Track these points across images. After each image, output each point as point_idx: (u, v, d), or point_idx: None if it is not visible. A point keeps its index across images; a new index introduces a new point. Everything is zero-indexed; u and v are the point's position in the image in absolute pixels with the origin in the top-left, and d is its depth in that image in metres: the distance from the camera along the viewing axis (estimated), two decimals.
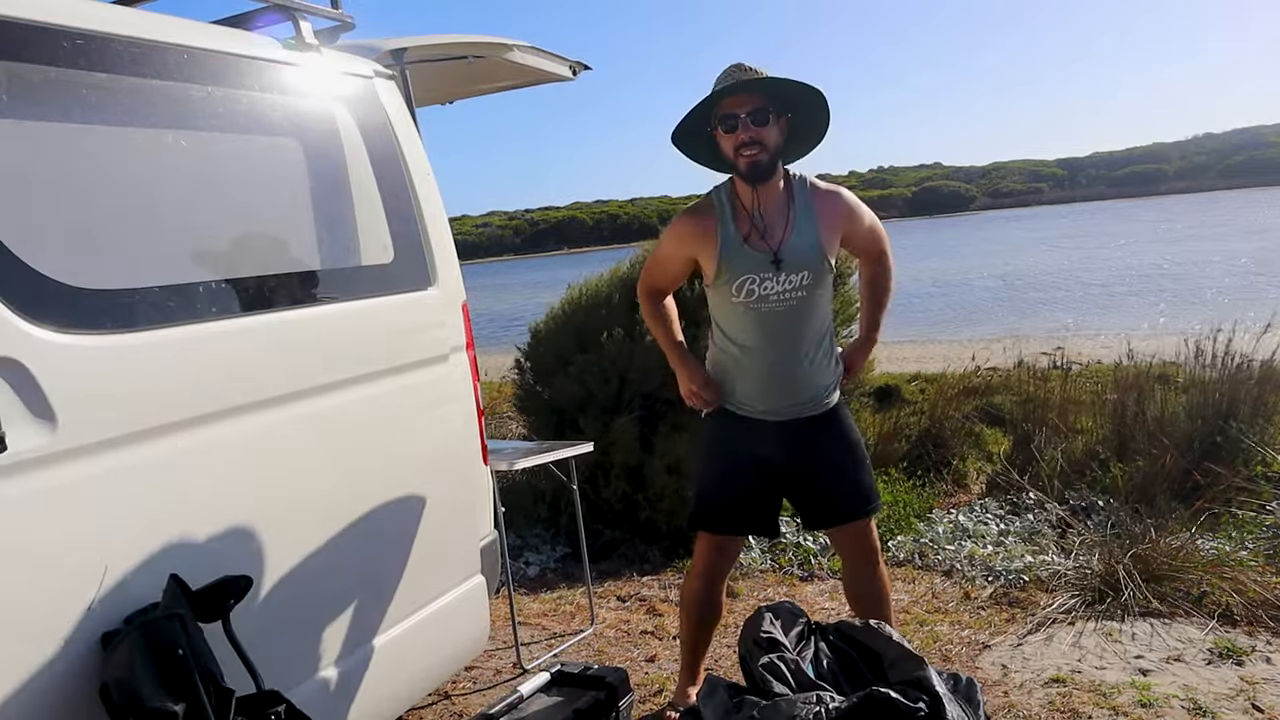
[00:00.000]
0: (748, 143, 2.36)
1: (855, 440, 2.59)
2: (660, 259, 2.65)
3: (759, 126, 2.36)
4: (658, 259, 2.66)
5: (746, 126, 2.36)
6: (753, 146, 2.36)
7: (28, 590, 1.51)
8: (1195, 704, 2.69)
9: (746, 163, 2.38)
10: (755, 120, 2.36)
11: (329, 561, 2.07)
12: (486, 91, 3.95)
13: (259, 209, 2.13)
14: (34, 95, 1.67)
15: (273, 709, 1.70)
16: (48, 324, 1.56)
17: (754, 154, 2.37)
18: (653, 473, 4.40)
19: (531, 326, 5.20)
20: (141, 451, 1.68)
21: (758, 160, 2.38)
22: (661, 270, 2.66)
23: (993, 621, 3.40)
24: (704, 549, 2.66)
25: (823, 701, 1.85)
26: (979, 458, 5.43)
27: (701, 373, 2.61)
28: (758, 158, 2.37)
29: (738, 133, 2.37)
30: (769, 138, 2.38)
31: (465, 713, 3.03)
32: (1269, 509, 3.89)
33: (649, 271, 2.69)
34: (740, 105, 2.36)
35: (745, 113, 2.35)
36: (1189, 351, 5.03)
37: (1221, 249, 25.84)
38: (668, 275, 2.66)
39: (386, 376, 2.28)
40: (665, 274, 2.66)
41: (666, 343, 2.69)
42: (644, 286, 2.71)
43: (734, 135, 2.37)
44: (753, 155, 2.37)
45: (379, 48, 2.67)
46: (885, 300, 2.71)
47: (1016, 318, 14.82)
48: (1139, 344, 5.63)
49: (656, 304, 2.70)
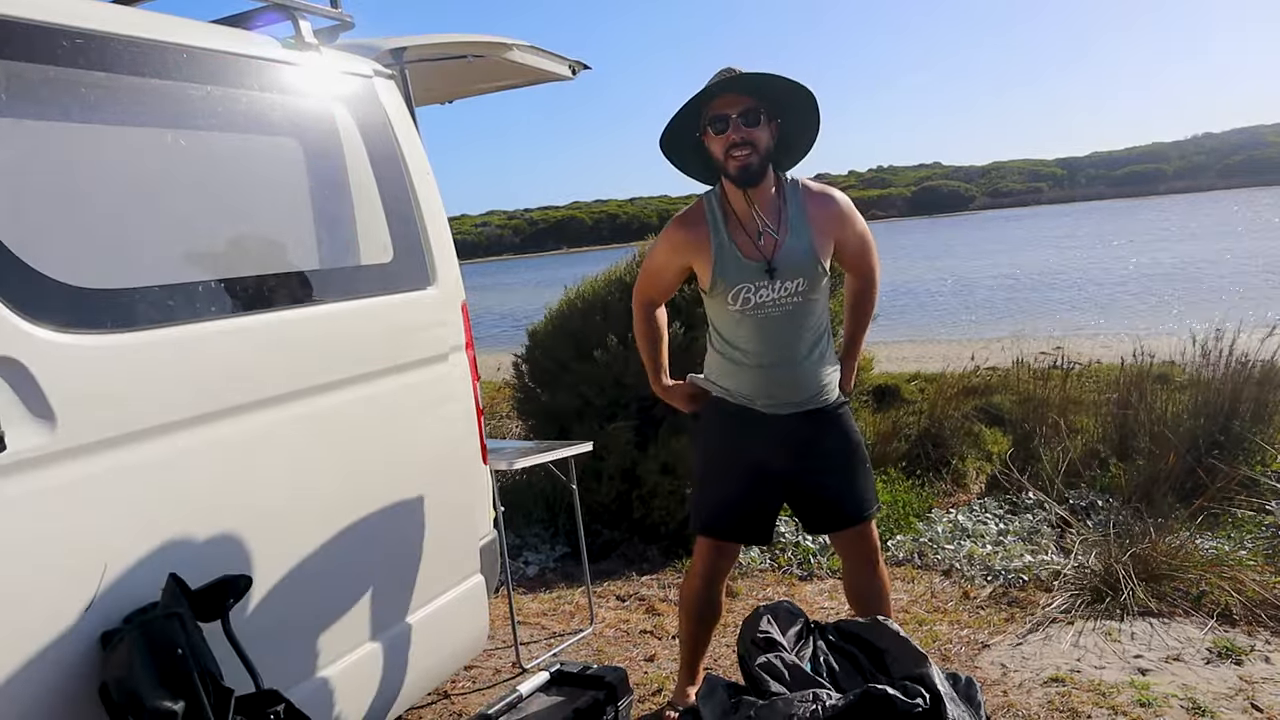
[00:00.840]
0: (738, 144, 2.33)
1: (857, 441, 2.58)
2: (654, 270, 2.63)
3: (750, 127, 2.33)
4: (651, 270, 2.65)
5: (737, 127, 2.32)
6: (743, 148, 2.33)
7: (27, 589, 1.50)
8: (1194, 703, 2.69)
9: (737, 165, 2.35)
10: (746, 121, 2.32)
11: (328, 561, 2.07)
12: (486, 91, 3.95)
13: (258, 208, 2.12)
14: (33, 95, 1.66)
15: (272, 708, 1.70)
16: (47, 323, 1.56)
17: (745, 155, 2.34)
18: (646, 472, 4.41)
19: (529, 330, 5.19)
20: (141, 451, 1.68)
21: (748, 162, 2.35)
22: (655, 281, 2.65)
23: (992, 621, 3.40)
24: (704, 550, 2.66)
25: (819, 699, 1.84)
26: (978, 457, 5.43)
27: (680, 388, 2.69)
28: (748, 159, 2.34)
29: (728, 133, 2.33)
30: (760, 139, 2.34)
31: (464, 712, 3.03)
32: (1268, 509, 3.89)
33: (643, 282, 2.68)
34: (730, 106, 2.33)
35: (736, 113, 2.32)
36: (1195, 351, 5.03)
37: (1221, 249, 25.85)
38: (662, 285, 2.65)
39: (386, 376, 2.28)
40: (659, 284, 2.65)
41: (650, 364, 2.73)
42: (639, 297, 2.70)
43: (724, 136, 2.34)
44: (743, 157, 2.34)
45: (378, 47, 2.66)
46: (867, 321, 2.72)
47: (1016, 317, 14.83)
48: (1138, 344, 5.63)
49: (649, 316, 2.69)
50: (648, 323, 2.70)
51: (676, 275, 2.60)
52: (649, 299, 2.69)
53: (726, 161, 2.37)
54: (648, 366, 2.74)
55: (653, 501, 4.40)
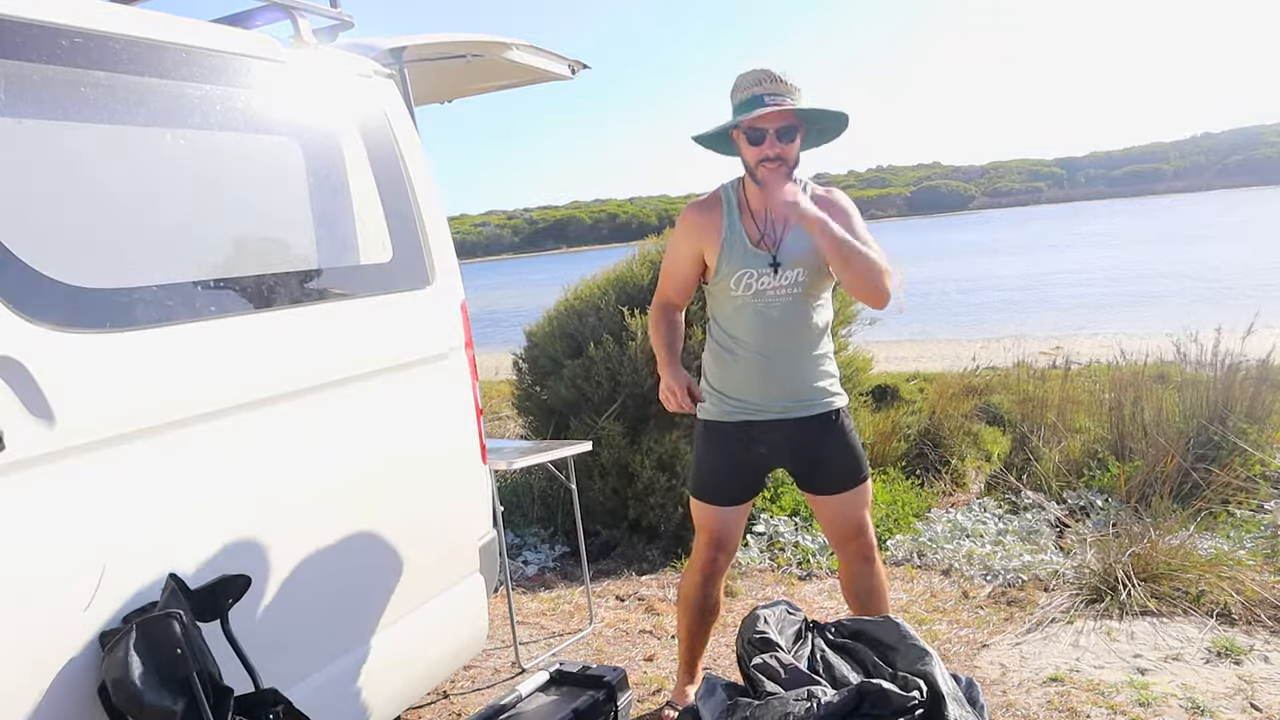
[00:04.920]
0: (772, 158, 2.40)
1: (858, 452, 2.60)
2: (669, 265, 2.64)
3: (785, 144, 2.39)
4: (667, 266, 2.65)
5: (773, 143, 2.39)
6: (775, 161, 2.40)
7: (26, 589, 1.50)
8: (1193, 703, 2.69)
9: (766, 174, 2.41)
10: (782, 138, 2.39)
11: (327, 560, 2.07)
12: (485, 90, 3.95)
13: (258, 207, 2.12)
14: (32, 94, 1.66)
15: (271, 708, 1.70)
16: (46, 323, 1.56)
17: (774, 167, 2.40)
18: (639, 469, 4.42)
19: (526, 330, 5.22)
20: (139, 450, 1.68)
21: (777, 174, 2.40)
22: (671, 274, 2.64)
23: (991, 620, 3.40)
24: (702, 546, 2.66)
25: (814, 697, 1.84)
26: (978, 457, 5.43)
27: (685, 378, 2.50)
28: (777, 172, 2.41)
29: (763, 147, 2.39)
30: (791, 154, 2.42)
31: (464, 712, 3.02)
32: (1267, 508, 3.89)
33: (662, 283, 2.67)
34: (770, 121, 2.38)
35: (774, 129, 2.38)
36: (1194, 350, 5.04)
37: (1221, 248, 25.86)
38: (677, 278, 2.62)
39: (385, 375, 2.28)
40: (675, 278, 2.63)
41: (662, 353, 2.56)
42: (657, 299, 2.69)
43: (759, 148, 2.40)
44: (773, 168, 2.40)
45: (378, 46, 2.66)
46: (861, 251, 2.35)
47: (1015, 317, 14.84)
48: (1137, 343, 5.64)
49: (667, 317, 2.63)
50: (665, 322, 2.62)
51: (690, 265, 2.58)
52: (666, 299, 2.67)
53: (756, 169, 2.43)
54: (660, 356, 2.58)
55: (648, 499, 4.40)
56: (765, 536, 4.32)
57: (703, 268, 2.57)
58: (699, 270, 2.59)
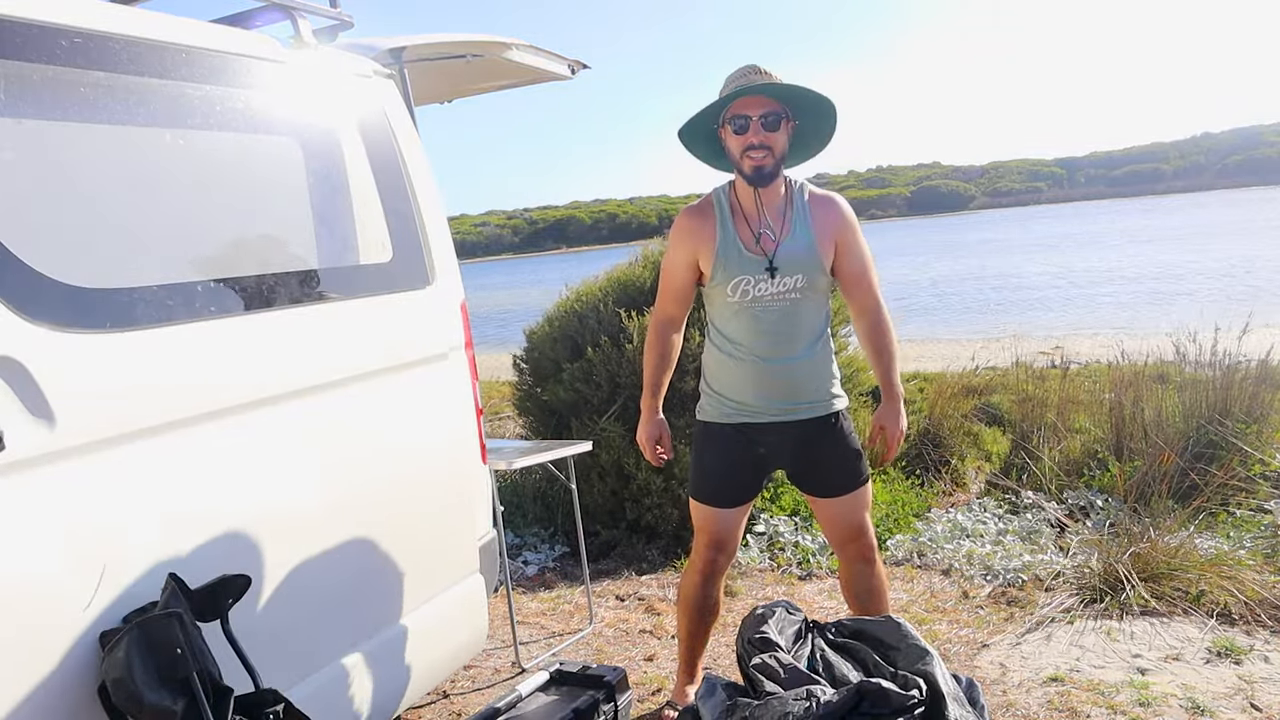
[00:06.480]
0: (756, 146, 2.37)
1: (858, 455, 2.60)
2: (666, 272, 2.63)
3: (770, 131, 2.37)
4: (664, 275, 2.64)
5: (758, 130, 2.37)
6: (761, 150, 2.38)
7: (26, 589, 1.50)
8: (1194, 703, 2.69)
9: (753, 165, 2.39)
10: (767, 125, 2.37)
11: (327, 560, 2.07)
12: (485, 90, 3.95)
13: (258, 207, 2.12)
14: (32, 94, 1.66)
15: (271, 708, 1.70)
16: (46, 323, 1.56)
17: (761, 158, 2.38)
18: (635, 471, 4.42)
19: (527, 331, 5.22)
20: (139, 450, 1.68)
21: (763, 165, 2.39)
22: (669, 283, 2.63)
23: (991, 620, 3.40)
24: (702, 548, 2.66)
25: (813, 696, 1.84)
26: (977, 457, 5.43)
27: (658, 430, 2.68)
28: (764, 162, 2.39)
29: (748, 134, 2.37)
30: (778, 143, 2.39)
31: (464, 711, 3.03)
32: (1267, 508, 3.89)
33: (661, 294, 2.67)
34: (753, 107, 2.37)
35: (757, 115, 2.36)
36: (1194, 350, 5.03)
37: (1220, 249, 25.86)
38: (674, 287, 2.62)
39: (385, 375, 2.28)
40: (671, 286, 2.62)
41: (649, 380, 2.68)
42: (656, 313, 2.69)
43: (743, 137, 2.38)
44: (760, 159, 2.38)
45: (378, 46, 2.66)
46: (891, 350, 2.57)
47: (1015, 317, 14.82)
48: (1137, 343, 5.64)
49: (664, 335, 2.65)
50: (661, 341, 2.66)
51: (686, 271, 2.58)
52: (666, 315, 2.66)
53: (742, 160, 2.41)
54: (646, 381, 2.69)
55: (644, 500, 4.40)
56: (765, 536, 4.33)
57: (698, 274, 2.56)
58: (695, 276, 2.58)
